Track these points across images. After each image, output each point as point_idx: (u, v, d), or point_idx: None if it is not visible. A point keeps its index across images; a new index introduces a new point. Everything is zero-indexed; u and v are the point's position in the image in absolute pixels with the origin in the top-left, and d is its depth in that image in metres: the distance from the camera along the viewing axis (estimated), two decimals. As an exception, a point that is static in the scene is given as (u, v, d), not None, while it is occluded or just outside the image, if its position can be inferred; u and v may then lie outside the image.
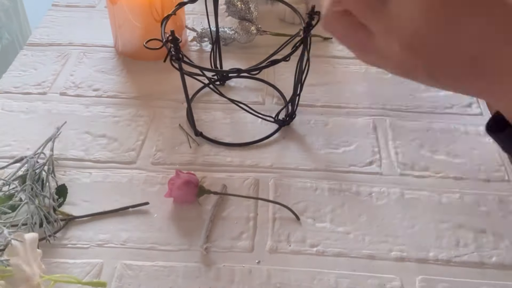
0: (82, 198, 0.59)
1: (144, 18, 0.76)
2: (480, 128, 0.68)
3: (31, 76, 0.77)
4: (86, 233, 0.56)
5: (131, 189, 0.61)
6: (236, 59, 0.81)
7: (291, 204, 0.59)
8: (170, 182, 0.58)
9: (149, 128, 0.69)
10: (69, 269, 0.52)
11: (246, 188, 0.61)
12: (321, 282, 0.52)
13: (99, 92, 0.74)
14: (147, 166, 0.63)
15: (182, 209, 0.58)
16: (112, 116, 0.70)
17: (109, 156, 0.65)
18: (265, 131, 0.67)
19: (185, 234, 0.56)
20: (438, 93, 0.74)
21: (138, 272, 0.52)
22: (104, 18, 0.86)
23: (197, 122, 0.68)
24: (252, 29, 0.82)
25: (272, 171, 0.63)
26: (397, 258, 0.54)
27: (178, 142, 0.67)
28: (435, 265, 0.53)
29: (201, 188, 0.58)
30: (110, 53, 0.82)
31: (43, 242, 0.53)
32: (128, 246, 0.55)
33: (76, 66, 0.79)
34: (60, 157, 0.64)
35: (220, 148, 0.66)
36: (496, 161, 0.64)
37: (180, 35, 0.82)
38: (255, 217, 0.57)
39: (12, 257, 0.43)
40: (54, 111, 0.71)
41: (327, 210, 0.58)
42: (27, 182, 0.56)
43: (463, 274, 0.52)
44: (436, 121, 0.70)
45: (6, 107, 0.72)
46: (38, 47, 0.83)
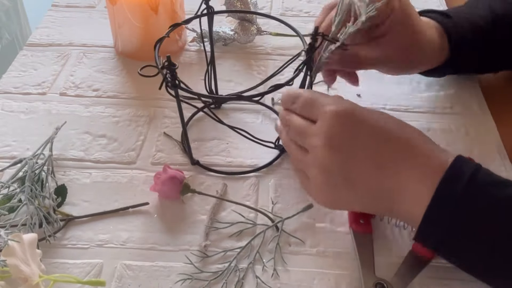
0: (82, 198, 0.59)
1: (144, 18, 0.76)
2: (480, 128, 0.68)
3: (31, 77, 0.77)
4: (86, 233, 0.56)
5: (131, 189, 0.61)
6: (236, 59, 0.80)
7: (291, 204, 0.59)
8: (156, 176, 0.58)
9: (149, 128, 0.69)
10: (69, 269, 0.52)
11: (247, 188, 0.61)
12: (321, 282, 0.52)
13: (99, 92, 0.74)
14: (147, 166, 0.63)
15: (182, 209, 0.58)
16: (112, 116, 0.70)
17: (109, 156, 0.65)
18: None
19: (185, 234, 0.56)
20: (438, 93, 0.74)
21: (138, 272, 0.52)
22: (104, 18, 0.86)
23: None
24: (252, 29, 0.82)
25: (272, 171, 0.63)
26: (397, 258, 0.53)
27: (179, 142, 0.66)
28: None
29: (185, 186, 0.58)
30: (110, 53, 0.82)
31: (43, 242, 0.53)
32: (128, 246, 0.55)
33: (76, 66, 0.79)
34: (60, 157, 0.64)
35: (220, 148, 0.66)
36: (497, 161, 0.64)
37: (180, 35, 0.82)
38: (255, 217, 0.57)
39: (9, 257, 0.43)
40: (54, 111, 0.71)
41: (327, 210, 0.58)
42: (26, 183, 0.56)
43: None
44: (436, 121, 0.70)
45: (6, 108, 0.72)
46: (38, 47, 0.83)
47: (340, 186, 0.49)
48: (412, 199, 0.47)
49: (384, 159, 0.47)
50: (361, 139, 0.48)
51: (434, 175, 0.46)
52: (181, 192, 0.58)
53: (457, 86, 0.75)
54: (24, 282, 0.43)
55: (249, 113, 0.71)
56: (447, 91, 0.74)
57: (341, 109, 0.48)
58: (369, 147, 0.48)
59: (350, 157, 0.48)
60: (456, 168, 0.46)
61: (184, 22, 0.63)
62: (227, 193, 0.60)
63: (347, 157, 0.48)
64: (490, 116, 0.70)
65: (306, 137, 0.50)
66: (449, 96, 0.74)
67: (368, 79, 0.74)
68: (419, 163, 0.47)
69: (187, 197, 0.59)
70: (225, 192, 0.60)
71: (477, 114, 0.71)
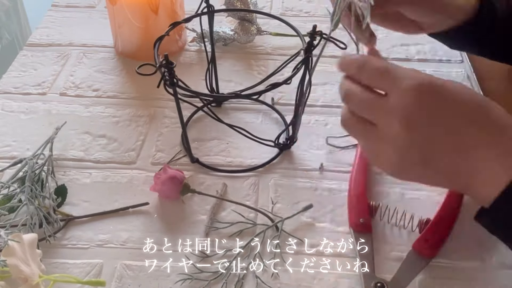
0: (82, 198, 0.59)
1: (144, 18, 0.76)
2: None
3: (31, 77, 0.77)
4: (86, 233, 0.56)
5: (131, 189, 0.61)
6: (236, 59, 0.80)
7: (291, 204, 0.59)
8: (156, 176, 0.58)
9: (149, 128, 0.69)
10: (69, 269, 0.52)
11: (247, 188, 0.61)
12: (321, 282, 0.52)
13: (99, 93, 0.74)
14: (147, 166, 0.63)
15: (182, 209, 0.58)
16: (112, 116, 0.70)
17: (109, 156, 0.65)
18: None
19: (185, 234, 0.56)
20: (438, 93, 0.74)
21: (138, 272, 0.52)
22: (104, 18, 0.86)
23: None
24: (252, 29, 0.82)
25: (272, 171, 0.63)
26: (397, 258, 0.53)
27: (178, 142, 0.67)
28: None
29: (185, 186, 0.58)
30: (110, 53, 0.82)
31: (43, 242, 0.53)
32: (128, 246, 0.55)
33: (76, 67, 0.79)
34: (60, 158, 0.64)
35: (220, 148, 0.66)
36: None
37: (180, 35, 0.82)
38: (255, 217, 0.57)
39: (9, 257, 0.43)
40: (54, 112, 0.71)
41: (327, 210, 0.58)
42: (26, 184, 0.56)
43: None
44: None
45: (6, 108, 0.72)
46: (38, 47, 0.83)
47: (415, 164, 0.45)
48: (489, 181, 0.43)
49: (467, 141, 0.43)
50: (443, 120, 0.43)
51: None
52: (181, 192, 0.58)
53: (457, 86, 0.75)
54: (24, 282, 0.43)
55: (249, 113, 0.71)
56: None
57: (421, 83, 0.43)
58: (451, 128, 0.43)
59: (429, 138, 0.43)
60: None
61: (184, 21, 0.63)
62: (227, 193, 0.60)
63: (426, 138, 0.43)
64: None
65: (377, 112, 0.45)
66: (449, 96, 0.74)
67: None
68: (503, 149, 0.43)
69: (187, 197, 0.59)
70: (225, 192, 0.60)
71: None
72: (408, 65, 0.77)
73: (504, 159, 0.42)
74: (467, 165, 0.44)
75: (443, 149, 0.44)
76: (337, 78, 0.73)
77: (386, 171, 0.48)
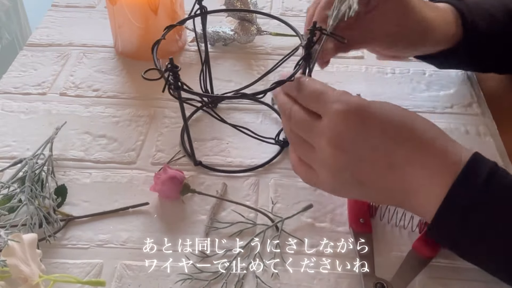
0: (82, 198, 0.59)
1: (144, 18, 0.76)
2: (480, 128, 0.68)
3: (31, 77, 0.77)
4: (86, 234, 0.56)
5: (131, 189, 0.61)
6: (236, 59, 0.80)
7: (291, 204, 0.59)
8: (156, 176, 0.58)
9: (149, 128, 0.69)
10: (69, 269, 0.52)
11: (246, 188, 0.61)
12: (321, 282, 0.52)
13: (99, 93, 0.74)
14: (147, 166, 0.63)
15: (182, 209, 0.58)
16: (112, 116, 0.70)
17: (109, 156, 0.65)
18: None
19: (185, 234, 0.56)
20: (438, 93, 0.74)
21: (138, 272, 0.52)
22: (104, 18, 0.86)
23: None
24: (252, 29, 0.82)
25: (272, 171, 0.63)
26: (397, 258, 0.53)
27: (178, 142, 0.67)
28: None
29: (185, 186, 0.58)
30: (110, 53, 0.82)
31: (43, 242, 0.53)
32: (128, 246, 0.55)
33: (76, 67, 0.79)
34: (60, 158, 0.64)
35: (220, 148, 0.66)
36: (497, 161, 0.64)
37: (180, 35, 0.82)
38: (255, 217, 0.57)
39: (9, 257, 0.43)
40: (54, 112, 0.71)
41: (327, 210, 0.58)
42: (26, 184, 0.56)
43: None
44: (436, 121, 0.69)
45: (6, 108, 0.72)
46: (38, 47, 0.83)
47: (350, 184, 0.48)
48: (425, 198, 0.45)
49: (396, 159, 0.46)
50: (371, 140, 0.46)
51: (448, 175, 0.44)
52: (181, 192, 0.58)
53: (457, 86, 0.75)
54: (24, 282, 0.43)
55: (249, 113, 0.71)
56: (447, 91, 0.74)
57: (348, 108, 0.46)
58: (380, 147, 0.46)
59: (359, 158, 0.46)
60: (470, 169, 0.44)
61: (178, 23, 0.62)
62: (227, 193, 0.60)
63: (356, 158, 0.46)
64: (490, 116, 0.70)
65: (311, 133, 0.48)
66: (449, 96, 0.74)
67: (368, 79, 0.74)
68: (433, 163, 0.45)
69: (187, 197, 0.59)
70: (225, 192, 0.60)
71: (477, 114, 0.71)
72: (408, 65, 0.78)
73: (437, 178, 0.45)
74: (402, 183, 0.46)
75: (374, 168, 0.46)
76: (337, 78, 0.74)
77: (325, 191, 0.52)
